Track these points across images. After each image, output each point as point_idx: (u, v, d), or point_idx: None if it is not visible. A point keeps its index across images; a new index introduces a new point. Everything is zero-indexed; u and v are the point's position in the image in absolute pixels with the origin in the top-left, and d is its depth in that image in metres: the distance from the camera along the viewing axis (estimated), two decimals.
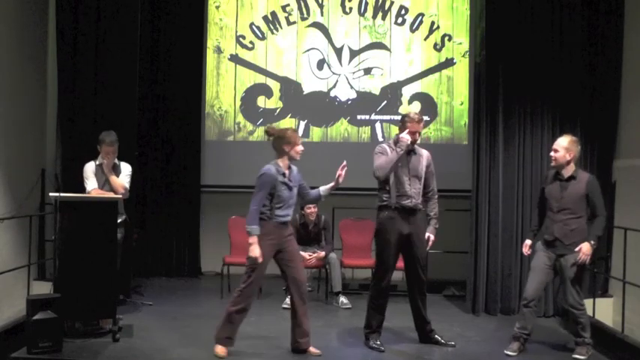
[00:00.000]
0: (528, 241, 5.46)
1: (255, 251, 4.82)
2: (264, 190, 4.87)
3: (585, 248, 5.08)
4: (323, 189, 5.19)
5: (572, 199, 5.17)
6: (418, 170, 5.27)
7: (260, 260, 4.84)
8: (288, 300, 6.37)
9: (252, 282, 4.94)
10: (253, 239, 4.83)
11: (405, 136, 5.14)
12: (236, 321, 4.99)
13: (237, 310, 4.95)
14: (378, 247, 5.28)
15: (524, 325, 5.26)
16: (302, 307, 5.05)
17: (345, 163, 5.11)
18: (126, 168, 6.11)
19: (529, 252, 5.42)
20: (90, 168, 5.97)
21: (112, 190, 5.93)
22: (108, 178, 5.94)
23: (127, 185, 6.05)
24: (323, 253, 7.02)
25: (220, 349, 4.97)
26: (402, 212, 5.19)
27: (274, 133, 5.01)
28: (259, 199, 4.87)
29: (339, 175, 5.09)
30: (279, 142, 4.96)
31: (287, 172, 4.98)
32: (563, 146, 5.20)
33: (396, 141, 5.23)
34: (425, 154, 5.36)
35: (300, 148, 4.99)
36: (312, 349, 5.10)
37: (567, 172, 5.22)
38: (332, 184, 5.15)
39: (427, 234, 5.31)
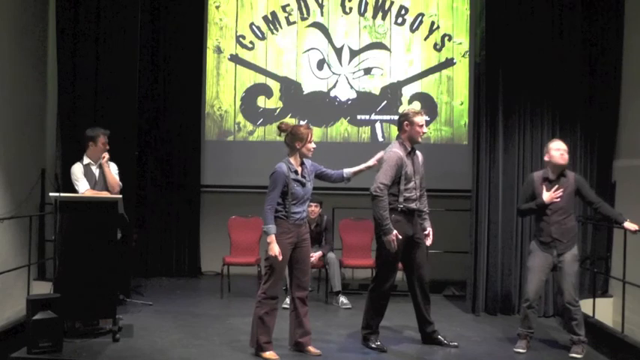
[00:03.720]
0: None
1: (275, 249, 4.80)
2: (277, 188, 4.84)
3: (630, 226, 5.25)
4: (348, 170, 5.15)
5: (565, 197, 5.27)
6: (420, 171, 5.31)
7: (280, 258, 4.82)
8: (288, 300, 6.38)
9: (273, 282, 4.92)
10: (271, 238, 4.81)
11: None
12: (270, 323, 4.95)
13: (267, 312, 4.92)
14: (384, 250, 5.15)
15: (529, 324, 5.33)
16: (303, 308, 5.07)
17: (380, 154, 5.16)
18: (114, 167, 6.07)
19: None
20: (79, 169, 5.92)
21: (107, 187, 5.90)
22: (104, 171, 5.90)
23: (120, 183, 6.05)
24: (321, 253, 7.02)
25: (270, 354, 4.92)
26: (408, 215, 5.21)
27: (287, 129, 4.96)
28: (272, 198, 4.85)
29: (373, 164, 5.13)
30: (291, 138, 4.94)
31: (299, 169, 4.95)
32: (566, 149, 5.37)
33: (402, 142, 5.23)
34: (419, 154, 5.39)
35: (312, 145, 4.97)
36: (311, 348, 5.10)
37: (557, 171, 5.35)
38: (361, 167, 5.15)
39: (428, 229, 5.33)
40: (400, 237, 5.07)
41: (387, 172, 5.08)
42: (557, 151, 5.32)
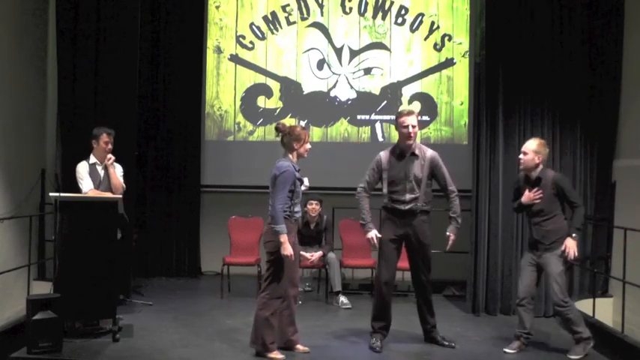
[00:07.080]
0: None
1: (289, 249, 4.80)
2: (287, 187, 4.83)
3: (569, 243, 5.10)
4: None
5: (544, 199, 5.19)
6: (417, 174, 5.22)
7: (293, 258, 4.85)
8: None
9: (279, 283, 4.91)
10: (284, 238, 4.79)
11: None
12: (275, 323, 4.95)
13: (273, 312, 4.91)
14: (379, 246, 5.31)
15: (522, 324, 5.32)
16: (293, 306, 5.09)
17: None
18: (119, 168, 6.07)
19: None
20: (84, 168, 5.91)
21: (111, 188, 5.90)
22: (109, 172, 5.90)
23: (124, 185, 6.05)
24: (321, 253, 7.02)
25: (275, 354, 4.91)
26: (397, 214, 5.23)
27: (285, 130, 4.99)
28: (284, 197, 4.83)
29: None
30: (289, 139, 4.96)
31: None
32: (532, 149, 5.21)
33: (394, 149, 5.27)
34: (428, 156, 5.29)
35: (308, 146, 5.01)
36: (300, 346, 5.13)
37: (534, 174, 5.25)
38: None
39: (447, 232, 5.29)
40: (379, 235, 5.24)
41: (366, 174, 5.32)
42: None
